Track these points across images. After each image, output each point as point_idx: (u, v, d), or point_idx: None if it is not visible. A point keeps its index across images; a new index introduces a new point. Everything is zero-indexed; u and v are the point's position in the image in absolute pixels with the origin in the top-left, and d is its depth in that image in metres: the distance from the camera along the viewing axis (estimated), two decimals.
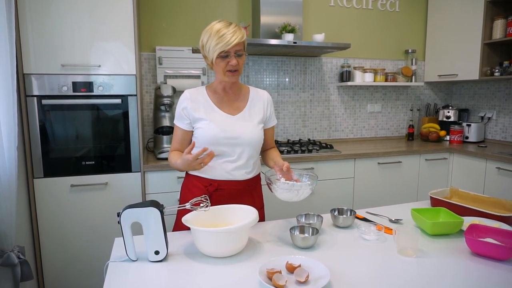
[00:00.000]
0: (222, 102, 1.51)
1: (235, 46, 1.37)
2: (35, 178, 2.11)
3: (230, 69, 1.41)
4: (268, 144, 1.63)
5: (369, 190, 2.83)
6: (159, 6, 2.82)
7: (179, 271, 1.08)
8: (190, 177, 1.55)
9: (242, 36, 1.38)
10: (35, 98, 2.06)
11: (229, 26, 1.38)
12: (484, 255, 1.16)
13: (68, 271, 2.22)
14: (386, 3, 3.43)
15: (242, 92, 1.56)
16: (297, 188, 1.31)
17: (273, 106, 1.62)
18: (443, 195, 1.64)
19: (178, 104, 1.51)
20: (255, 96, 1.57)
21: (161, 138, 2.47)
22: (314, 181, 1.37)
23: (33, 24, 2.00)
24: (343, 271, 1.08)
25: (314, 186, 1.34)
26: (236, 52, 1.39)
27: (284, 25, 2.74)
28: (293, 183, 1.32)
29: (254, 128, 1.50)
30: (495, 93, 3.35)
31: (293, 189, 1.31)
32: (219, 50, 1.36)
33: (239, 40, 1.36)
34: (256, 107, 1.54)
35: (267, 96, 1.59)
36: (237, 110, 1.51)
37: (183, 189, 1.61)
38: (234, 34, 1.35)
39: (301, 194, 1.31)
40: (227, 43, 1.34)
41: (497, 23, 2.92)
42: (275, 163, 1.47)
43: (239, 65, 1.41)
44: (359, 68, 3.28)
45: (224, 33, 1.35)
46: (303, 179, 1.41)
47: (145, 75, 2.84)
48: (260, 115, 1.54)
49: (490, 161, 2.70)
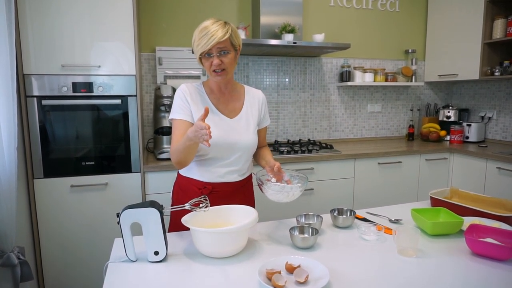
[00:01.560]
0: (219, 102, 1.49)
1: (217, 45, 1.31)
2: (35, 178, 2.11)
3: (215, 69, 1.36)
4: (260, 143, 1.60)
5: (369, 190, 2.83)
6: (159, 7, 2.82)
7: (179, 271, 1.08)
8: (184, 179, 1.53)
9: (223, 34, 1.30)
10: (35, 99, 2.06)
11: (213, 23, 1.32)
12: (484, 255, 1.16)
13: (68, 271, 2.22)
14: (386, 3, 3.42)
15: (237, 91, 1.54)
16: (287, 190, 1.31)
17: (267, 106, 1.60)
18: (443, 195, 1.64)
19: (176, 97, 1.45)
20: (250, 96, 1.55)
21: (161, 139, 2.47)
22: (304, 183, 1.37)
23: (33, 24, 2.00)
24: (343, 271, 1.07)
25: (304, 188, 1.35)
26: (220, 51, 1.33)
27: (284, 25, 2.74)
28: (283, 185, 1.33)
29: (250, 133, 1.49)
30: (495, 93, 3.34)
31: (283, 191, 1.31)
32: (200, 51, 1.33)
33: (218, 40, 1.29)
34: (252, 108, 1.53)
35: (262, 96, 1.58)
36: (234, 112, 1.49)
37: (175, 190, 1.59)
38: (215, 32, 1.29)
39: (291, 195, 1.31)
40: (207, 43, 1.29)
41: (497, 22, 2.92)
42: (266, 163, 1.47)
43: (223, 64, 1.35)
44: (359, 68, 3.27)
45: (205, 33, 1.30)
46: (294, 180, 1.41)
47: (145, 76, 2.84)
48: (256, 117, 1.53)
49: (491, 161, 2.70)
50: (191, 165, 1.48)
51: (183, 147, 1.29)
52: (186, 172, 1.52)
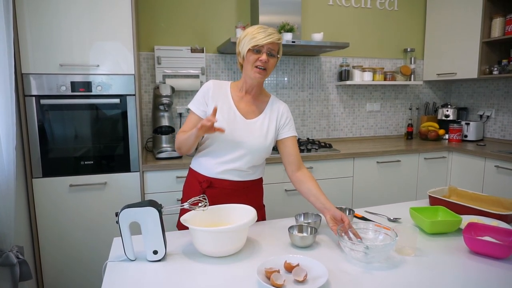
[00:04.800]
0: (240, 101, 1.50)
1: (269, 44, 1.38)
2: (34, 178, 2.11)
3: (259, 65, 1.40)
4: (291, 159, 1.50)
5: (368, 189, 2.83)
6: (158, 6, 2.82)
7: (178, 270, 1.08)
8: (191, 172, 1.58)
9: (278, 38, 1.40)
10: (34, 98, 2.06)
11: (269, 27, 1.41)
12: (482, 254, 1.16)
13: (67, 270, 2.22)
14: (384, 2, 3.42)
15: (262, 97, 1.55)
16: (371, 254, 1.10)
17: (291, 119, 1.56)
18: (441, 194, 1.65)
19: (200, 90, 1.50)
20: (273, 106, 1.55)
21: (160, 138, 2.47)
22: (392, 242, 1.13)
23: (32, 23, 2.00)
24: (341, 270, 1.08)
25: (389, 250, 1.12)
26: (269, 51, 1.40)
27: (283, 24, 2.74)
28: (367, 246, 1.10)
29: (262, 137, 1.47)
30: (493, 92, 3.35)
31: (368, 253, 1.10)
32: (254, 43, 1.37)
33: (274, 40, 1.38)
34: (270, 117, 1.52)
35: (283, 109, 1.55)
36: (252, 114, 1.50)
37: (185, 185, 1.63)
38: (273, 32, 1.39)
39: (370, 258, 1.11)
40: (264, 38, 1.37)
41: (495, 21, 2.92)
42: (324, 207, 1.35)
43: (268, 63, 1.41)
44: (358, 67, 3.27)
45: (263, 29, 1.39)
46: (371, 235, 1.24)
47: (144, 75, 2.83)
48: (273, 127, 1.51)
49: (489, 159, 2.70)
50: (197, 159, 1.54)
51: (187, 137, 1.39)
52: (193, 165, 1.57)
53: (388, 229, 1.20)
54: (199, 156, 1.55)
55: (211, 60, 2.98)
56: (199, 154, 1.54)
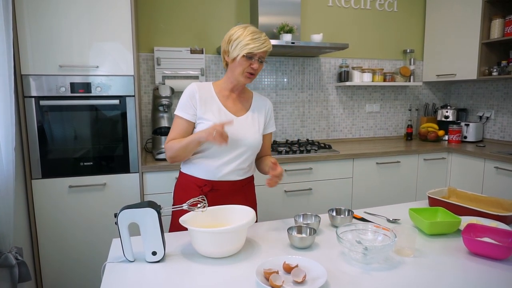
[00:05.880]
0: (227, 100, 1.52)
1: (262, 52, 1.42)
2: (33, 179, 2.11)
3: (250, 71, 1.44)
4: (265, 151, 1.64)
5: (368, 190, 2.83)
6: (157, 7, 2.82)
7: (177, 271, 1.08)
8: (185, 177, 1.55)
9: (270, 46, 1.44)
10: (33, 99, 2.06)
11: (261, 32, 1.44)
12: (481, 255, 1.16)
13: (66, 272, 2.21)
14: (384, 3, 3.43)
15: (246, 94, 1.59)
16: (370, 254, 1.11)
17: (273, 114, 1.65)
18: (441, 195, 1.65)
19: (184, 94, 1.48)
20: (258, 102, 1.60)
21: (159, 139, 2.46)
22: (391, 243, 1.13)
23: (31, 24, 2.00)
24: (340, 271, 1.07)
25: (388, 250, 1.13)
26: (260, 58, 1.44)
27: (282, 25, 2.74)
28: (366, 247, 1.12)
29: (256, 132, 1.53)
30: (493, 93, 3.35)
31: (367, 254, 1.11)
32: (250, 50, 1.39)
33: (268, 49, 1.43)
34: (258, 112, 1.57)
35: (269, 104, 1.64)
36: (240, 111, 1.53)
37: (176, 188, 1.60)
38: (266, 41, 1.42)
39: (369, 259, 1.11)
40: (260, 46, 1.39)
41: (495, 22, 2.93)
42: (269, 167, 1.46)
43: (258, 69, 1.46)
44: (357, 68, 3.28)
45: (258, 37, 1.41)
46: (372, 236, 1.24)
47: (143, 76, 2.83)
48: (262, 121, 1.57)
49: (489, 160, 2.70)
50: (193, 162, 1.51)
51: (186, 145, 1.39)
52: (187, 170, 1.53)
53: (387, 230, 1.20)
54: (195, 159, 1.50)
55: (210, 61, 2.98)
56: (195, 158, 1.50)
